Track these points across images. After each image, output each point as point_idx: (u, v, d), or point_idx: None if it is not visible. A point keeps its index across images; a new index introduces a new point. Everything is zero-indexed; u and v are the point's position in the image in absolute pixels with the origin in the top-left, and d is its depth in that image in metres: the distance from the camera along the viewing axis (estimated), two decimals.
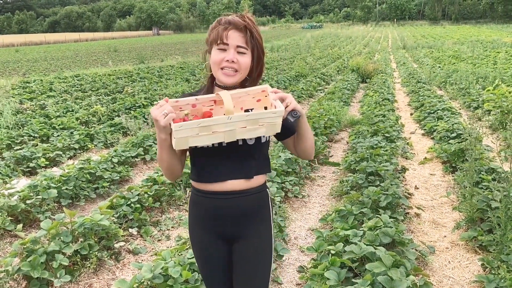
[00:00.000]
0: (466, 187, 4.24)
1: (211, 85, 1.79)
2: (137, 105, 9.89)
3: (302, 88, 11.83)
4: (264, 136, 1.71)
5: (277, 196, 4.39)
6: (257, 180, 1.75)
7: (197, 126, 1.52)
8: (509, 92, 7.39)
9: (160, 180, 4.68)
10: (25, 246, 3.15)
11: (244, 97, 1.70)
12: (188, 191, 4.89)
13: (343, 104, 9.64)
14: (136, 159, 6.07)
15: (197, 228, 1.81)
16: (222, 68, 1.66)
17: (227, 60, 1.64)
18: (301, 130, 1.73)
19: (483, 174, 4.55)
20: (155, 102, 9.27)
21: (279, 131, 1.62)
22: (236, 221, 1.74)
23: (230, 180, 1.70)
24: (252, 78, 1.74)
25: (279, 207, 4.31)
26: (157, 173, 4.97)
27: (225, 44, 1.64)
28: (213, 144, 1.64)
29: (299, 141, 1.77)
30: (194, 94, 1.79)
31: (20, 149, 6.35)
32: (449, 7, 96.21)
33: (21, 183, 4.96)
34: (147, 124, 8.01)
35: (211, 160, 1.69)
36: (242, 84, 1.74)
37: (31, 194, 4.35)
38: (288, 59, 22.16)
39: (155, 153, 6.32)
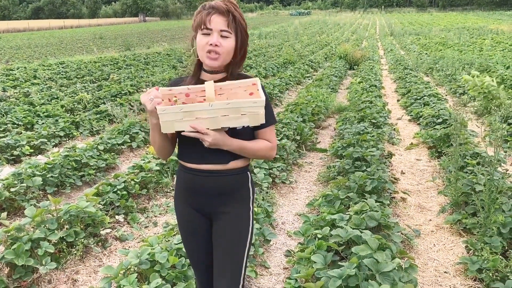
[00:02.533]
0: (451, 171, 4.30)
1: (198, 69, 1.85)
2: (123, 92, 9.78)
3: (290, 75, 11.80)
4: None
5: (265, 182, 4.40)
6: (234, 164, 1.80)
7: (180, 111, 1.62)
8: (484, 82, 7.46)
9: (147, 167, 4.65)
10: (9, 234, 3.10)
11: (235, 89, 1.75)
12: (175, 178, 4.88)
13: (331, 91, 9.66)
14: (123, 147, 6.01)
15: (179, 200, 1.92)
16: (207, 52, 1.71)
17: (211, 44, 1.69)
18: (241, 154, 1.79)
19: (468, 159, 4.60)
20: (141, 89, 9.10)
21: (263, 121, 1.70)
22: (211, 198, 1.82)
23: (205, 164, 1.79)
24: (236, 61, 1.80)
25: (267, 193, 4.32)
26: (143, 160, 4.94)
27: (208, 29, 1.70)
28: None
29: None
30: (181, 80, 1.88)
31: (4, 137, 6.24)
32: None
33: (5, 171, 4.89)
34: (133, 111, 7.93)
35: (190, 142, 1.76)
36: (227, 68, 1.80)
37: (15, 182, 4.29)
38: (276, 46, 22.06)
39: (142, 140, 6.28)
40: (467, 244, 3.31)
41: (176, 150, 1.91)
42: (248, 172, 1.89)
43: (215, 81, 1.72)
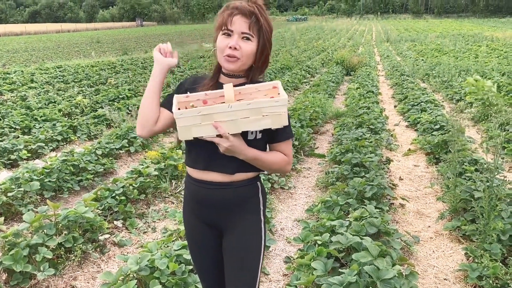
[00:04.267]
0: (450, 178, 4.31)
1: (217, 72, 1.75)
2: (120, 96, 9.76)
3: (288, 80, 11.82)
4: (252, 133, 1.67)
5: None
6: (240, 176, 1.72)
7: (198, 114, 1.52)
8: (486, 86, 7.50)
9: (145, 172, 4.63)
10: (7, 240, 3.08)
11: (255, 94, 1.67)
12: (173, 183, 4.86)
13: (328, 97, 9.68)
14: (121, 151, 5.99)
15: (187, 211, 1.85)
16: (226, 55, 1.63)
17: (230, 47, 1.61)
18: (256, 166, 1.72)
19: (466, 165, 4.61)
20: (139, 94, 9.06)
21: (286, 123, 1.61)
22: (219, 211, 1.74)
23: (211, 171, 1.70)
24: (256, 66, 1.70)
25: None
26: (142, 165, 4.92)
27: (229, 30, 1.61)
28: None
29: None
30: (201, 78, 1.79)
31: (1, 141, 6.21)
32: (432, 1, 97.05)
33: (2, 175, 4.86)
34: (131, 116, 7.92)
35: (199, 148, 1.69)
36: (247, 73, 1.72)
37: (13, 186, 4.25)
38: (273, 51, 21.99)
39: (140, 145, 6.26)
40: (467, 251, 3.31)
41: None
42: (258, 183, 1.79)
43: (234, 85, 1.64)
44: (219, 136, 1.58)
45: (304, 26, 54.19)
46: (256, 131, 1.66)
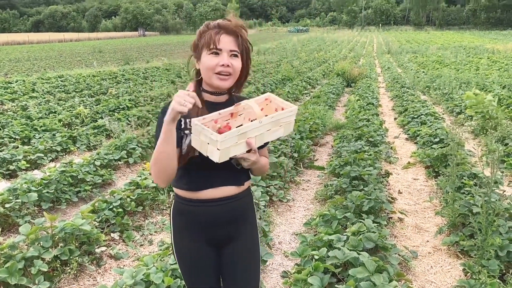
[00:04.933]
0: (449, 192, 4.29)
1: (199, 91, 1.73)
2: (121, 107, 9.79)
3: (288, 91, 11.85)
4: None
5: (262, 200, 4.37)
6: (246, 184, 1.83)
7: (238, 134, 1.56)
8: (487, 100, 7.51)
9: (143, 184, 4.62)
10: (2, 252, 3.07)
11: (248, 108, 1.72)
12: (171, 195, 4.84)
13: (328, 108, 9.69)
14: (119, 162, 5.99)
15: (184, 237, 1.79)
16: (217, 73, 1.65)
17: (222, 65, 1.64)
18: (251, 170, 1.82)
19: (465, 179, 4.60)
20: (139, 104, 9.04)
21: (292, 130, 1.73)
22: (226, 225, 1.77)
23: (223, 186, 1.73)
24: (240, 82, 1.76)
25: (264, 211, 4.29)
26: (140, 176, 4.91)
27: (218, 49, 1.64)
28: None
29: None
30: None
31: (0, 151, 6.22)
32: (433, 13, 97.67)
33: (1, 186, 4.85)
34: (131, 126, 7.93)
35: (205, 167, 1.68)
36: (229, 89, 1.76)
37: (11, 197, 4.25)
38: (274, 62, 22.20)
39: (138, 156, 6.25)
40: (465, 267, 3.29)
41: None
42: (252, 192, 1.91)
43: (218, 103, 1.73)
44: (248, 151, 1.64)
45: (306, 37, 54.53)
46: None
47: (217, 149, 1.52)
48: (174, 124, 1.55)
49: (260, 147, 1.76)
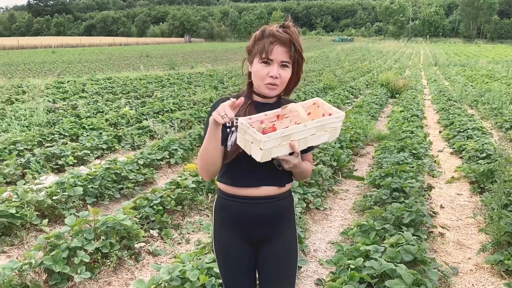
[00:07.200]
0: (494, 209, 4.12)
1: (250, 92, 1.80)
2: (165, 109, 10.05)
3: (330, 100, 11.77)
4: None
5: (298, 207, 4.36)
6: (287, 186, 1.83)
7: (281, 136, 1.59)
8: None
9: (183, 184, 4.72)
10: (49, 241, 3.22)
11: (295, 111, 1.73)
12: (210, 197, 4.92)
13: (371, 118, 9.54)
14: (161, 162, 6.15)
15: (224, 233, 1.84)
16: (265, 84, 1.69)
17: (271, 76, 1.67)
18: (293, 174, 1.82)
19: None
20: (183, 108, 9.28)
21: (337, 136, 1.73)
22: (265, 224, 1.79)
23: (265, 186, 1.76)
24: (289, 88, 1.79)
25: (300, 218, 4.28)
26: (180, 176, 5.02)
27: (269, 59, 1.66)
28: None
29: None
30: (232, 97, 1.82)
31: (50, 146, 6.53)
32: (485, 26, 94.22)
33: (49, 179, 5.09)
34: (174, 128, 8.12)
35: (250, 165, 1.71)
36: (278, 95, 1.80)
37: (58, 190, 4.46)
38: (317, 71, 22.12)
39: (180, 157, 6.39)
40: (509, 287, 3.15)
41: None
42: (292, 193, 1.91)
43: (266, 104, 1.76)
44: (290, 153, 1.66)
45: (350, 47, 53.97)
46: None
47: (260, 148, 1.55)
48: (218, 128, 1.62)
49: (304, 151, 1.76)
